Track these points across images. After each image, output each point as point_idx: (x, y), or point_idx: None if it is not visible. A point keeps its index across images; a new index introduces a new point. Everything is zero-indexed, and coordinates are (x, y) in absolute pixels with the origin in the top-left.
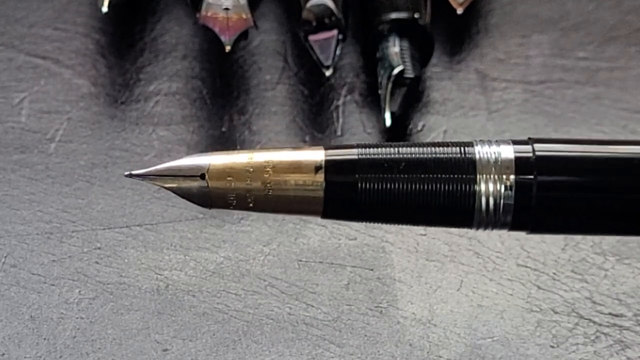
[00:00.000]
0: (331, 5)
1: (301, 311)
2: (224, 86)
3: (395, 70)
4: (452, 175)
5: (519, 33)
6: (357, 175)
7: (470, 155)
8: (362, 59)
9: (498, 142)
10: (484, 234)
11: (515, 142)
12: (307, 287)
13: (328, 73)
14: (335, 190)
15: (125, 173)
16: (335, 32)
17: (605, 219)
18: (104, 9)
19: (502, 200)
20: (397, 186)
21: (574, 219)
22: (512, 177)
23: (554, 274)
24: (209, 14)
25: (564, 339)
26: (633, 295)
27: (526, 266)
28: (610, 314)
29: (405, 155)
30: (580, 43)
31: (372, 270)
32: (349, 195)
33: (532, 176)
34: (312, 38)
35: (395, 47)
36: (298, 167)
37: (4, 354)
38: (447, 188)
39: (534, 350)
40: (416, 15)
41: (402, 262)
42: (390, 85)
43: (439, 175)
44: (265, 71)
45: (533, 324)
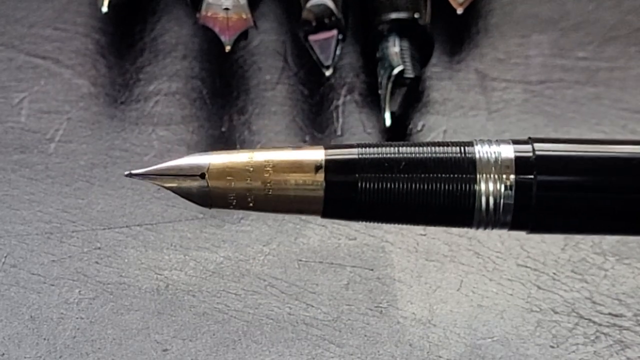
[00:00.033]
0: (331, 5)
1: (301, 311)
2: (223, 86)
3: (395, 70)
4: (452, 175)
5: (518, 33)
6: (357, 175)
7: (470, 155)
8: (362, 59)
9: (498, 142)
10: (484, 233)
11: (515, 142)
12: (307, 287)
13: (328, 73)
14: (335, 190)
15: (125, 172)
16: (335, 32)
17: (605, 218)
18: (104, 9)
19: (502, 200)
20: (397, 186)
21: (574, 218)
22: (512, 177)
23: (554, 274)
24: (209, 14)
25: (564, 339)
26: (633, 295)
27: (526, 266)
28: (610, 314)
29: (405, 154)
30: (580, 43)
31: (372, 270)
32: (349, 195)
33: (532, 176)
34: (312, 38)
35: (395, 47)
36: (298, 167)
37: (4, 354)
38: (447, 187)
39: (534, 350)
40: (416, 15)
41: (402, 262)
42: (390, 85)
43: (439, 175)
44: (265, 71)
45: (533, 324)
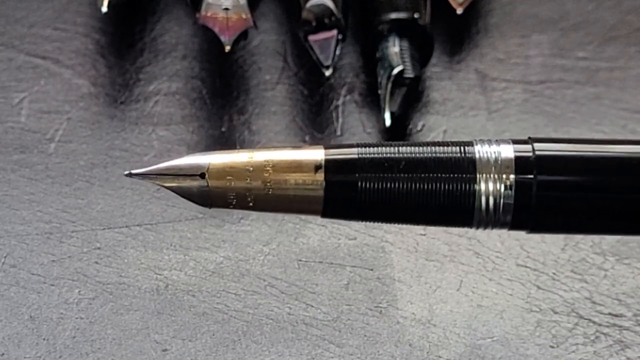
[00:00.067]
0: (331, 5)
1: (301, 311)
2: (223, 86)
3: (395, 70)
4: (452, 175)
5: (518, 33)
6: (357, 175)
7: (470, 155)
8: (362, 59)
9: (498, 142)
10: (483, 233)
11: (515, 142)
12: (307, 287)
13: (328, 73)
14: (335, 190)
15: (125, 172)
16: (335, 32)
17: (605, 218)
18: (104, 9)
19: (502, 200)
20: (397, 185)
21: (573, 218)
22: (512, 177)
23: (554, 274)
24: (209, 14)
25: (563, 339)
26: (633, 295)
27: (526, 266)
28: (610, 314)
29: (405, 154)
30: (580, 43)
31: (372, 270)
32: (349, 195)
33: (532, 176)
34: (312, 38)
35: (395, 47)
36: (298, 167)
37: (3, 354)
38: (447, 187)
39: (533, 350)
40: (416, 15)
41: (402, 262)
42: (390, 85)
43: (439, 175)
44: (265, 71)
45: (533, 324)
